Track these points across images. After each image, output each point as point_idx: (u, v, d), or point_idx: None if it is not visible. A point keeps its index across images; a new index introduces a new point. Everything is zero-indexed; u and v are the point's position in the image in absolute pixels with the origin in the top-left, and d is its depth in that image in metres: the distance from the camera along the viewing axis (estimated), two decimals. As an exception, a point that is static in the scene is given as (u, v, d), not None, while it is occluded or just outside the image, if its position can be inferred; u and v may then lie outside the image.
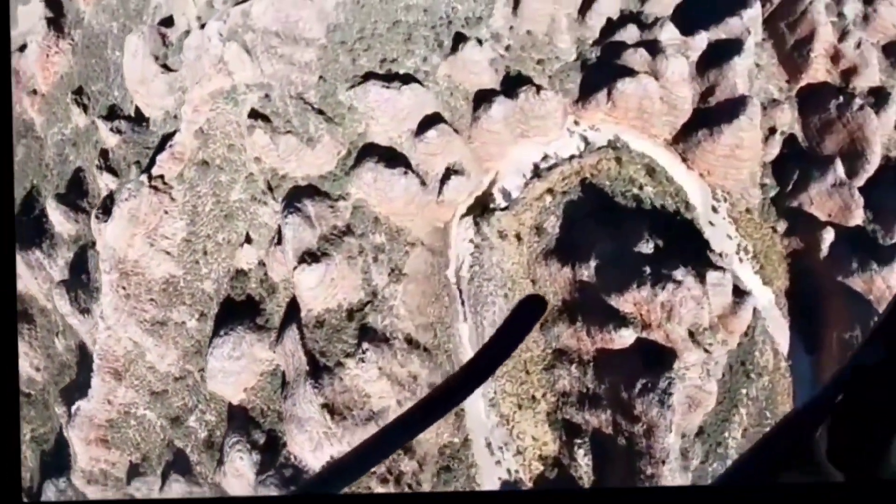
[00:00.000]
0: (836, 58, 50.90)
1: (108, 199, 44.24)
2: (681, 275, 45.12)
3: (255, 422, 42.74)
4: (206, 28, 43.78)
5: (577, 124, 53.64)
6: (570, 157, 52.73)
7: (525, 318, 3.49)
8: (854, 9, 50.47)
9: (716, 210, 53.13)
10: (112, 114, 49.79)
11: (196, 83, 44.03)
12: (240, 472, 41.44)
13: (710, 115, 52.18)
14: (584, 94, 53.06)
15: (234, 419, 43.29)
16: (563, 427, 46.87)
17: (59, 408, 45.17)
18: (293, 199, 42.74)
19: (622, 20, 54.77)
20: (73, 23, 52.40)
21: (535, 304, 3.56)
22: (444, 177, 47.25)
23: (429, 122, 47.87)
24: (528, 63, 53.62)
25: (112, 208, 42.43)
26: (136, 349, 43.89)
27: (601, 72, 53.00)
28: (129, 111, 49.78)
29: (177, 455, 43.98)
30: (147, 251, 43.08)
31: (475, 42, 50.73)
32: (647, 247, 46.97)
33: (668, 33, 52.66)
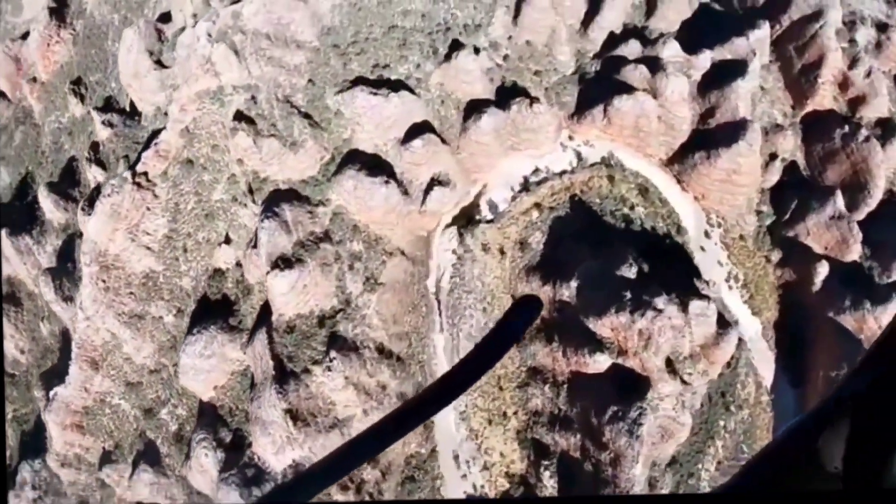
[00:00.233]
0: (844, 85, 48.94)
1: (95, 192, 44.99)
2: (662, 303, 44.17)
3: (222, 420, 43.31)
4: (195, 28, 43.94)
5: (571, 139, 52.68)
6: (562, 173, 51.85)
7: (520, 318, 3.47)
8: (867, 35, 48.36)
9: (708, 235, 51.82)
10: (108, 105, 50.50)
11: (184, 82, 44.32)
12: (204, 468, 42.12)
13: (708, 138, 50.74)
14: (581, 109, 52.02)
15: (204, 415, 43.94)
16: (531, 446, 46.53)
17: (39, 391, 46.42)
18: (272, 203, 42.88)
19: (625, 34, 53.42)
20: (75, 13, 53.12)
21: (530, 304, 3.56)
22: (429, 187, 46.89)
23: (416, 131, 47.48)
24: (526, 74, 52.73)
25: (95, 202, 43.14)
26: (113, 340, 44.74)
27: (599, 86, 51.85)
28: (125, 104, 50.43)
29: (147, 446, 44.89)
30: (128, 246, 43.74)
31: (470, 50, 50.03)
32: (631, 271, 46.04)
33: (671, 51, 51.20)
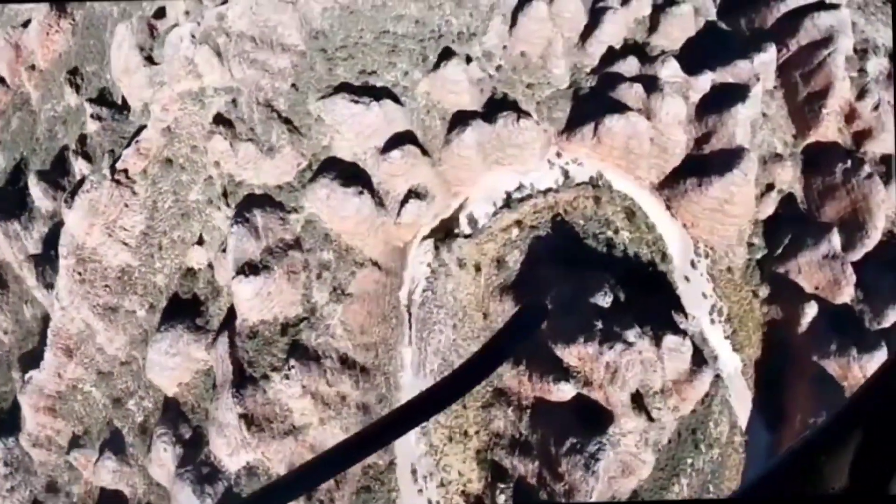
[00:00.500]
0: (850, 117, 46.33)
1: (78, 185, 45.88)
2: (633, 336, 42.91)
3: (184, 416, 44.11)
4: (179, 28, 44.10)
5: (559, 156, 51.32)
6: (547, 191, 50.62)
7: (525, 325, 3.49)
8: (878, 66, 45.52)
9: (695, 265, 50.03)
10: (101, 97, 51.27)
11: (168, 81, 44.63)
12: (163, 462, 43.07)
13: (702, 164, 48.78)
14: (571, 126, 50.57)
15: (168, 410, 44.82)
16: (490, 468, 46.10)
17: (16, 373, 48.07)
18: (244, 208, 43.04)
19: (625, 50, 51.52)
20: (75, 3, 53.91)
21: (535, 312, 3.61)
22: (405, 199, 46.38)
23: (398, 141, 46.87)
24: (518, 86, 51.42)
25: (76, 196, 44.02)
26: (87, 330, 45.88)
27: (592, 103, 50.24)
28: (118, 97, 51.13)
29: (114, 434, 46.11)
30: (105, 241, 44.60)
31: (460, 60, 48.96)
32: (605, 299, 44.77)
33: (670, 70, 49.18)
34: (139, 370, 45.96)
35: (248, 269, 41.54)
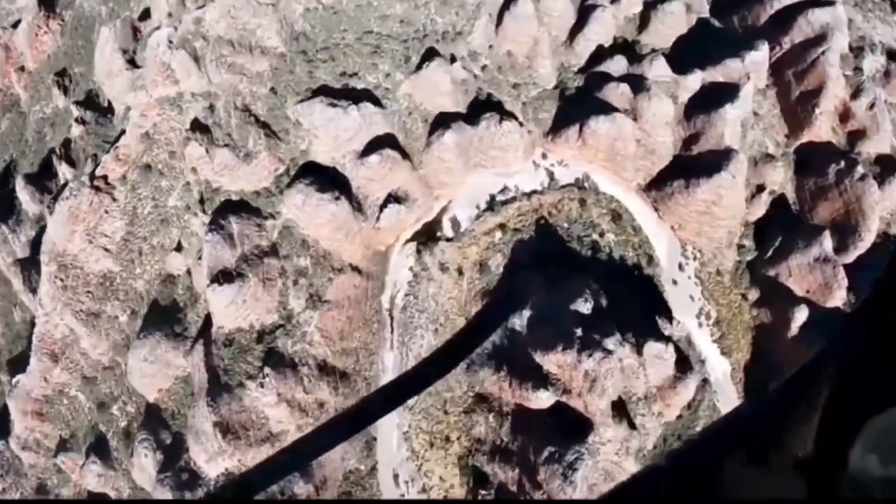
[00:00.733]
0: (844, 117, 44.66)
1: (61, 190, 46.12)
2: (612, 344, 42.14)
3: (165, 422, 44.42)
4: (158, 32, 43.86)
5: (544, 157, 50.35)
6: (531, 193, 49.75)
7: (501, 310, 3.70)
8: (874, 64, 43.73)
9: (682, 268, 48.94)
10: (88, 99, 51.34)
11: (146, 86, 44.51)
12: (144, 467, 43.48)
13: (689, 165, 47.52)
14: (557, 127, 49.51)
15: (149, 416, 45.18)
16: (472, 474, 45.83)
17: (5, 376, 48.81)
18: (220, 214, 42.91)
19: (613, 49, 50.17)
20: (65, 3, 53.91)
21: (512, 298, 3.77)
22: (384, 203, 45.90)
23: (378, 144, 46.30)
24: (504, 87, 50.42)
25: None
26: (72, 335, 46.32)
27: (578, 104, 49.10)
28: (103, 100, 51.20)
29: (99, 438, 46.63)
30: (86, 247, 44.84)
31: (442, 60, 48.08)
32: (586, 306, 43.96)
33: (658, 69, 47.83)
34: (122, 375, 46.32)
35: (223, 277, 41.46)
